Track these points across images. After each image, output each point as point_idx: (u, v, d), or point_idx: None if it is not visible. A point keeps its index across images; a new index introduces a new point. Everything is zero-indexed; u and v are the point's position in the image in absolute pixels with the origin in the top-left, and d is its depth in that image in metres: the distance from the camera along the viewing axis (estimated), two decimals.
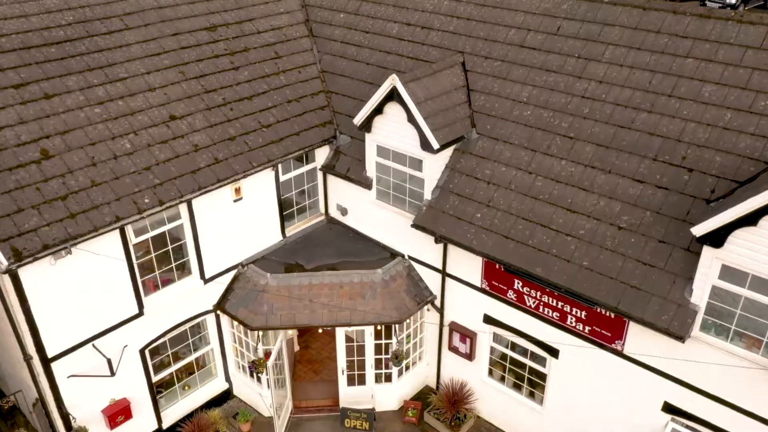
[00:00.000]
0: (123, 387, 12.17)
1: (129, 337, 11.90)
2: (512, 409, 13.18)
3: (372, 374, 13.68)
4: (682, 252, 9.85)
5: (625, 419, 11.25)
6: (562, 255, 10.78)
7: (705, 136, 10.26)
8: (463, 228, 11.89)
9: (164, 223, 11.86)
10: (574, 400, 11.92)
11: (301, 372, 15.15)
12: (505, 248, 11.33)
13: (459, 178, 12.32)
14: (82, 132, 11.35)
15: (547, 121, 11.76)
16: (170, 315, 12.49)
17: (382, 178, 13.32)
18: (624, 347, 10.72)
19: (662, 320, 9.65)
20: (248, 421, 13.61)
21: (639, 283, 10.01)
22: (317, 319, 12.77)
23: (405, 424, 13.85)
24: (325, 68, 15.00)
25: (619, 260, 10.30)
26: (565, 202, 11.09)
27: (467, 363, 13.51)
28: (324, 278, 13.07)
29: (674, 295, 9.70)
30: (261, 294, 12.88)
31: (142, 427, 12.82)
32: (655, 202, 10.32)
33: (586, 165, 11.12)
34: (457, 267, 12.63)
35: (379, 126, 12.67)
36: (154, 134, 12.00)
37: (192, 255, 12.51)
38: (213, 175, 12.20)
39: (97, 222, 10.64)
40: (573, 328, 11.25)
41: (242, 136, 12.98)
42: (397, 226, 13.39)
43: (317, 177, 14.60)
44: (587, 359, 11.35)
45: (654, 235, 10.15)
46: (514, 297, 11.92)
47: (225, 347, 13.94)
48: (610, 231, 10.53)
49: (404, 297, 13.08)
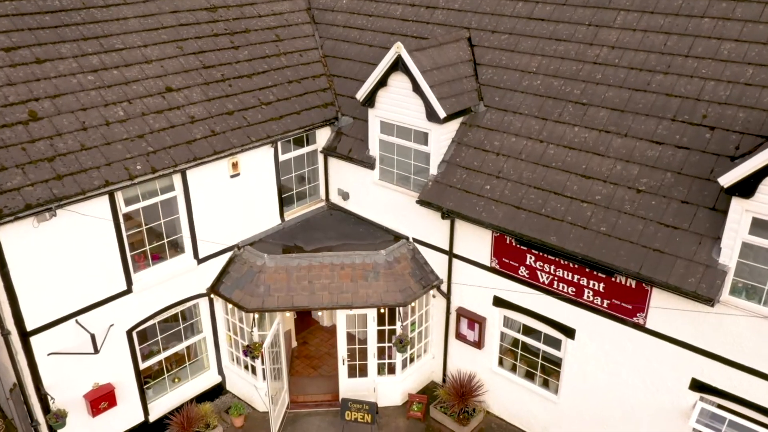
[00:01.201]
0: (108, 371, 11.34)
1: (116, 315, 11.15)
2: (524, 401, 12.33)
3: (374, 364, 12.85)
4: (708, 211, 9.25)
5: (648, 402, 10.43)
6: (577, 222, 10.17)
7: (726, 94, 9.78)
8: (471, 201, 11.30)
9: (157, 194, 11.25)
10: (591, 385, 11.11)
11: (299, 367, 14.30)
12: (516, 219, 10.71)
13: (466, 151, 11.79)
14: (74, 97, 10.85)
15: (558, 89, 11.30)
16: (160, 295, 11.75)
17: (386, 157, 12.78)
18: (646, 320, 10.00)
19: (689, 283, 8.98)
20: (241, 415, 12.72)
21: (662, 246, 9.37)
22: (317, 301, 12.04)
23: (409, 419, 12.95)
24: (327, 53, 14.65)
25: (639, 224, 9.68)
26: (580, 169, 10.53)
27: (476, 353, 12.71)
28: (324, 259, 12.39)
29: (701, 257, 9.05)
30: (257, 275, 12.17)
31: (127, 417, 11.93)
32: (676, 162, 9.76)
33: (601, 130, 10.61)
34: (465, 246, 11.98)
35: (383, 100, 12.20)
36: (148, 104, 11.51)
37: (185, 232, 11.86)
38: (209, 146, 11.67)
39: (84, 185, 10.04)
40: (590, 303, 10.54)
41: (241, 111, 12.51)
42: (401, 207, 12.79)
43: (318, 160, 14.06)
44: (606, 337, 10.60)
45: (676, 196, 9.56)
46: (526, 274, 11.23)
47: (218, 336, 13.14)
48: (629, 195, 9.95)
49: (409, 280, 12.38)
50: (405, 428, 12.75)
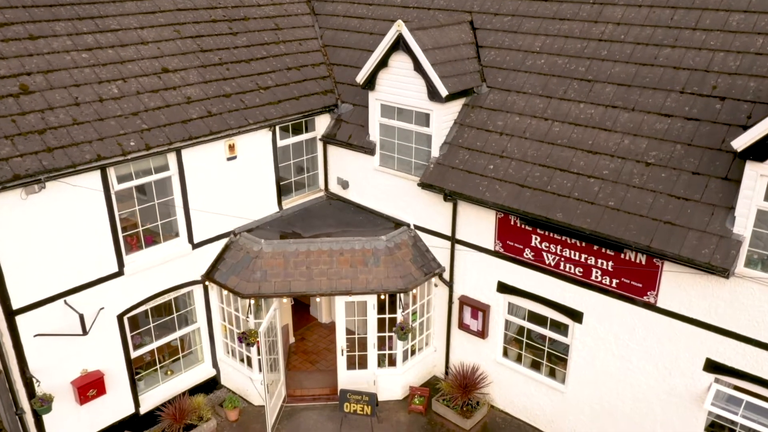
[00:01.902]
0: (97, 358, 10.90)
1: (106, 298, 10.74)
2: (530, 393, 11.85)
3: (374, 356, 12.40)
4: (720, 182, 8.93)
5: (660, 387, 9.98)
6: (584, 197, 9.84)
7: (736, 64, 9.53)
8: (474, 181, 10.98)
9: (151, 173, 10.93)
10: (600, 371, 10.66)
11: (297, 362, 13.83)
12: (521, 197, 10.39)
13: (469, 132, 11.51)
14: (67, 73, 10.60)
15: (563, 68, 11.07)
16: (153, 280, 11.36)
17: (386, 142, 12.50)
18: (657, 299, 9.60)
19: (702, 254, 8.61)
20: (236, 408, 12.22)
21: (673, 219, 9.03)
22: (315, 287, 11.64)
23: (411, 413, 12.45)
24: (326, 42, 14.48)
25: (648, 197, 9.35)
26: (586, 144, 10.24)
27: (479, 343, 12.27)
28: (323, 245, 12.02)
29: (714, 227, 8.70)
30: (254, 261, 11.79)
31: (117, 408, 11.44)
32: (686, 134, 9.47)
33: (607, 105, 10.34)
34: (468, 230, 11.62)
35: (384, 82, 11.97)
36: (144, 83, 11.26)
37: (180, 214, 11.51)
38: (205, 126, 11.39)
39: (75, 158, 9.73)
40: (599, 283, 10.16)
41: (238, 94, 12.27)
42: (402, 193, 12.47)
43: (317, 149, 13.78)
44: (615, 319, 10.19)
45: (687, 168, 9.24)
46: (531, 256, 10.86)
47: (213, 327, 12.70)
48: (637, 168, 9.64)
49: (410, 266, 12.00)
50: (406, 422, 12.24)
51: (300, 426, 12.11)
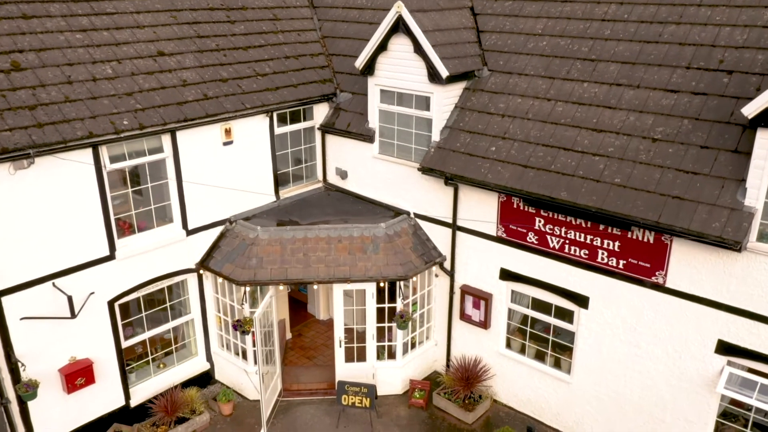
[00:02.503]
0: (86, 345, 10.52)
1: (96, 283, 10.40)
2: (535, 385, 11.44)
3: (373, 347, 12.00)
4: (729, 154, 8.67)
5: (670, 372, 9.61)
6: (589, 175, 9.57)
7: (743, 38, 9.34)
8: (476, 164, 10.72)
9: (145, 154, 10.66)
10: (608, 358, 10.29)
11: (293, 357, 13.44)
12: (524, 178, 10.12)
13: (470, 115, 11.28)
14: (60, 53, 10.39)
15: (566, 48, 10.88)
16: (146, 266, 11.02)
17: (386, 129, 12.27)
18: (666, 279, 9.28)
19: (713, 228, 8.32)
20: (230, 401, 11.79)
21: (681, 193, 8.75)
22: (312, 274, 11.31)
23: (411, 407, 12.02)
24: (326, 34, 14.34)
25: (656, 173, 9.08)
26: (590, 123, 10.00)
27: (481, 335, 11.90)
28: (320, 232, 11.71)
29: (725, 200, 8.42)
30: (250, 248, 11.48)
31: (106, 399, 11.02)
32: (693, 108, 9.24)
33: (611, 83, 10.13)
34: (469, 216, 11.33)
35: (383, 66, 11.77)
36: (139, 65, 11.06)
37: (174, 199, 11.22)
38: (201, 109, 11.16)
39: (66, 134, 9.47)
40: (605, 265, 9.84)
41: (235, 80, 12.06)
42: (401, 180, 12.20)
43: (315, 138, 13.54)
44: (623, 303, 9.85)
45: (695, 142, 8.99)
46: (535, 240, 10.55)
47: (207, 319, 12.33)
48: (644, 144, 9.38)
49: (410, 254, 11.68)
50: (406, 417, 11.81)
51: (296, 420, 11.68)
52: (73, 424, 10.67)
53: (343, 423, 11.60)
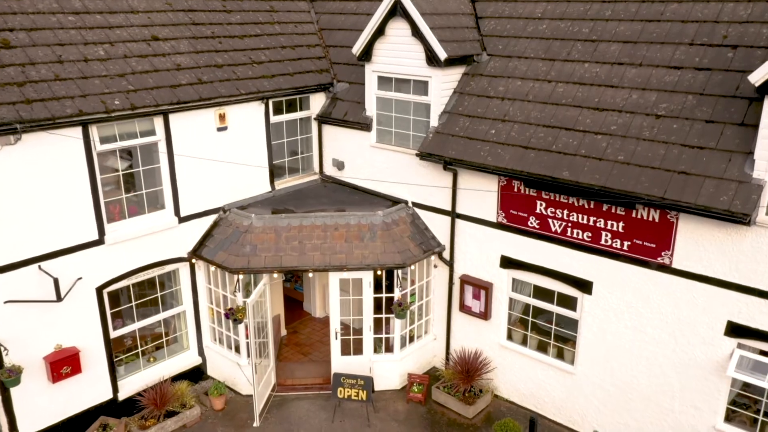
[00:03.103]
0: (73, 333, 10.15)
1: (84, 268, 10.07)
2: (537, 377, 11.06)
3: (370, 340, 11.63)
4: (736, 128, 8.43)
5: (678, 358, 9.25)
6: (592, 154, 9.32)
7: (747, 12, 9.16)
8: (475, 147, 10.48)
9: (136, 136, 10.41)
10: (612, 346, 9.93)
11: (288, 354, 13.05)
12: (524, 159, 9.87)
13: (469, 100, 11.07)
14: (51, 33, 10.20)
15: (566, 30, 10.71)
16: (136, 252, 10.71)
17: (383, 117, 12.05)
18: (672, 259, 8.97)
19: (721, 201, 8.04)
20: (222, 395, 11.39)
21: (687, 168, 8.49)
22: (307, 261, 10.99)
23: (409, 402, 11.62)
24: (323, 26, 14.22)
25: (660, 149, 8.83)
26: (592, 102, 9.78)
27: (482, 326, 11.55)
28: (316, 220, 11.43)
29: (732, 173, 8.16)
30: (243, 235, 11.18)
31: (93, 391, 10.62)
32: (697, 84, 9.02)
33: (613, 63, 9.93)
34: (469, 203, 11.05)
35: (381, 51, 11.59)
36: (132, 48, 10.87)
37: (166, 184, 10.95)
38: (195, 92, 10.95)
39: (55, 111, 9.24)
40: (609, 247, 9.54)
41: (230, 66, 11.88)
42: (399, 169, 11.95)
43: (312, 129, 13.31)
44: (628, 286, 9.53)
45: (700, 117, 8.76)
46: (536, 224, 10.27)
47: (200, 312, 11.96)
48: (647, 121, 9.15)
49: (408, 242, 11.38)
50: (404, 411, 11.40)
51: (290, 415, 11.27)
52: (58, 416, 10.26)
53: (338, 417, 11.19)
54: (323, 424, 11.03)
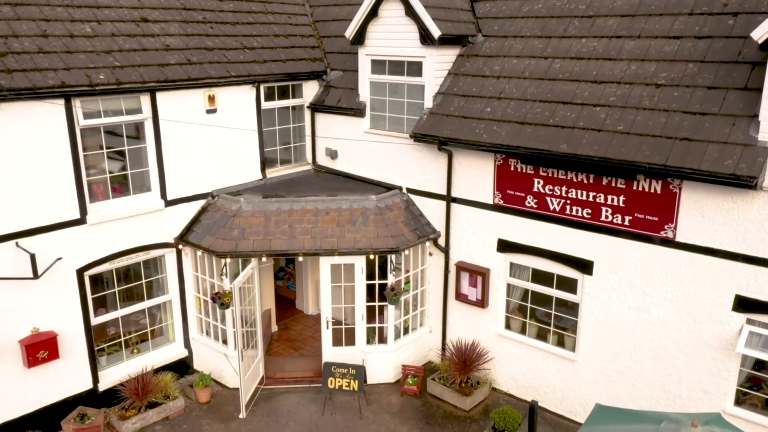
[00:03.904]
0: (52, 317, 9.72)
1: (65, 248, 9.69)
2: (537, 367, 10.58)
3: (363, 329, 11.18)
4: (739, 92, 8.14)
5: (684, 338, 8.81)
6: (590, 126, 9.02)
7: None
8: (470, 126, 10.19)
9: (122, 113, 10.13)
10: (615, 329, 9.49)
11: (279, 349, 12.58)
12: (521, 134, 9.57)
13: (464, 80, 10.83)
14: (37, 9, 10.00)
15: (562, 8, 10.50)
16: (120, 235, 10.34)
17: (377, 102, 11.80)
18: (676, 232, 8.60)
19: (725, 166, 7.71)
20: (207, 387, 10.89)
21: (689, 135, 8.17)
22: (297, 245, 10.61)
23: (403, 395, 11.11)
24: (317, 18, 14.07)
25: (661, 117, 8.53)
26: (590, 76, 9.52)
27: (479, 316, 11.11)
28: (307, 204, 11.08)
29: (737, 137, 7.84)
30: (232, 219, 10.82)
31: (72, 380, 10.14)
32: (698, 52, 8.76)
33: (611, 36, 9.70)
34: (465, 185, 10.72)
35: (374, 33, 11.39)
36: (120, 27, 10.66)
37: (153, 165, 10.63)
38: (184, 72, 10.71)
39: (37, 81, 8.97)
40: (609, 224, 9.17)
41: (221, 50, 11.67)
42: (393, 154, 11.65)
43: (305, 118, 13.05)
44: (630, 264, 9.14)
45: (701, 84, 8.48)
46: (534, 204, 9.92)
47: (186, 301, 11.53)
48: (647, 91, 8.87)
49: (402, 228, 11.01)
50: (398, 404, 10.89)
51: (279, 408, 10.76)
52: (34, 404, 9.76)
53: (329, 410, 10.68)
54: (313, 416, 10.52)
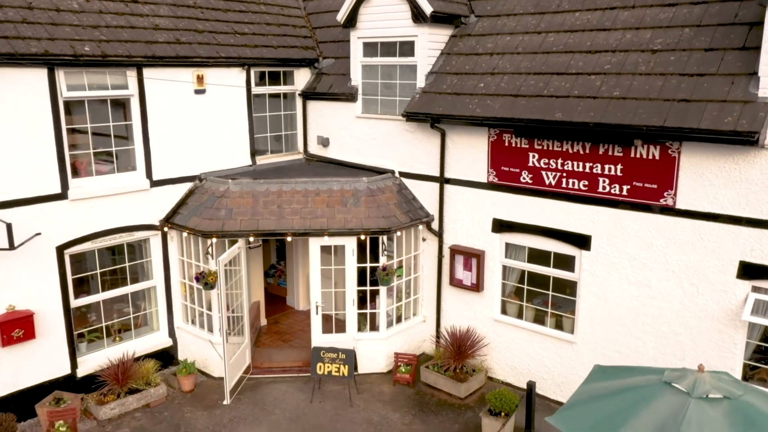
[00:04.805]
0: (29, 296, 9.33)
1: (44, 223, 9.36)
2: (534, 352, 10.16)
3: (354, 315, 10.78)
4: (737, 52, 7.96)
5: (688, 311, 8.44)
6: (585, 94, 8.81)
7: None
8: (463, 101, 9.98)
9: (107, 88, 9.91)
10: (615, 306, 9.11)
11: (267, 341, 12.14)
12: (515, 106, 9.35)
13: (456, 59, 10.67)
14: None
15: None
16: (103, 213, 10.02)
17: (369, 85, 11.62)
18: (676, 199, 8.30)
19: (725, 123, 7.46)
20: (191, 374, 10.44)
21: (687, 96, 7.95)
22: (286, 225, 10.29)
23: (396, 384, 10.65)
24: (310, 11, 14.00)
25: (658, 81, 8.32)
26: (584, 47, 9.35)
27: (474, 301, 10.73)
28: (297, 185, 10.80)
29: (736, 94, 7.62)
30: (219, 200, 10.52)
31: (49, 363, 9.69)
32: (694, 17, 8.61)
33: (605, 8, 9.57)
34: (458, 164, 10.46)
35: (366, 15, 11.27)
36: (108, 6, 10.52)
37: (138, 143, 10.37)
38: (172, 50, 10.54)
39: (19, 48, 8.76)
40: (607, 194, 8.88)
41: (212, 33, 11.53)
42: (386, 138, 11.43)
43: (296, 107, 12.86)
44: (629, 236, 8.81)
45: (698, 47, 8.30)
46: (529, 179, 9.64)
47: (171, 288, 11.13)
48: (643, 57, 8.68)
49: (394, 209, 10.71)
50: (390, 394, 10.42)
51: (265, 396, 10.29)
52: (7, 387, 9.29)
53: (318, 398, 10.21)
54: (301, 404, 10.05)
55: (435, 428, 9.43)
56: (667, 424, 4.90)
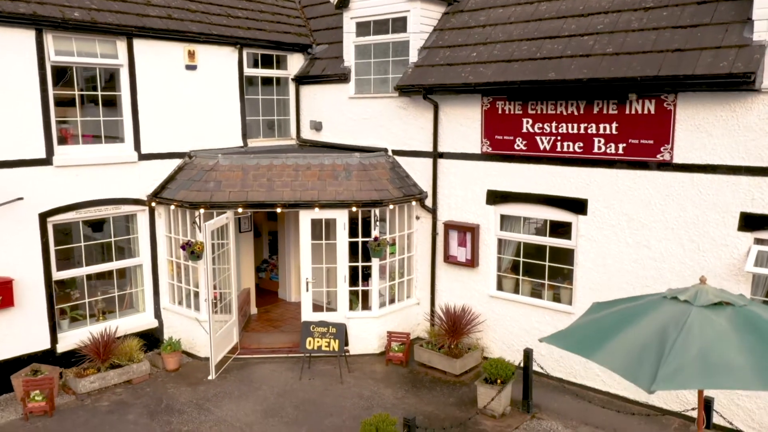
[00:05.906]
0: (9, 263, 9.05)
1: (27, 188, 9.15)
2: (532, 326, 9.80)
3: (345, 293, 10.45)
4: (730, 2, 7.90)
5: (689, 270, 8.16)
6: (578, 53, 8.71)
7: None
8: (456, 71, 9.90)
9: (96, 56, 9.82)
10: (614, 271, 8.82)
11: (257, 326, 11.78)
12: (508, 71, 9.25)
13: (449, 33, 10.63)
14: None
15: None
16: (89, 183, 9.81)
17: (362, 65, 11.56)
18: (673, 153, 8.11)
19: (721, 67, 7.33)
20: (176, 352, 10.06)
21: (681, 45, 7.85)
22: (276, 197, 10.07)
23: (388, 363, 10.25)
24: (305, 4, 14.08)
25: (651, 35, 8.23)
26: (576, 11, 9.32)
27: (469, 279, 10.43)
28: (288, 160, 10.62)
29: (731, 40, 7.51)
30: (208, 173, 10.33)
31: (27, 335, 9.33)
32: None
33: None
34: (451, 137, 10.31)
35: None
36: None
37: (127, 114, 10.23)
38: (163, 24, 10.50)
39: (6, 7, 8.70)
40: (603, 155, 8.69)
41: (205, 14, 11.52)
42: (379, 117, 11.31)
43: (289, 92, 12.77)
44: (626, 197, 8.59)
45: (691, 1, 8.22)
46: (524, 146, 9.47)
47: (158, 267, 10.83)
48: (635, 15, 8.63)
49: (387, 184, 10.51)
50: (382, 372, 10.02)
51: (252, 374, 9.89)
52: None
53: (307, 376, 9.81)
54: (289, 381, 9.65)
55: (429, 401, 9.01)
56: (668, 328, 4.60)
